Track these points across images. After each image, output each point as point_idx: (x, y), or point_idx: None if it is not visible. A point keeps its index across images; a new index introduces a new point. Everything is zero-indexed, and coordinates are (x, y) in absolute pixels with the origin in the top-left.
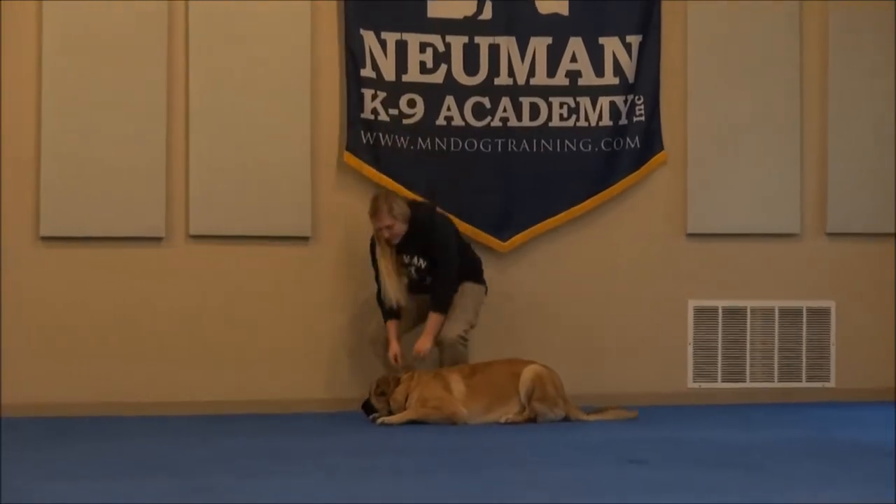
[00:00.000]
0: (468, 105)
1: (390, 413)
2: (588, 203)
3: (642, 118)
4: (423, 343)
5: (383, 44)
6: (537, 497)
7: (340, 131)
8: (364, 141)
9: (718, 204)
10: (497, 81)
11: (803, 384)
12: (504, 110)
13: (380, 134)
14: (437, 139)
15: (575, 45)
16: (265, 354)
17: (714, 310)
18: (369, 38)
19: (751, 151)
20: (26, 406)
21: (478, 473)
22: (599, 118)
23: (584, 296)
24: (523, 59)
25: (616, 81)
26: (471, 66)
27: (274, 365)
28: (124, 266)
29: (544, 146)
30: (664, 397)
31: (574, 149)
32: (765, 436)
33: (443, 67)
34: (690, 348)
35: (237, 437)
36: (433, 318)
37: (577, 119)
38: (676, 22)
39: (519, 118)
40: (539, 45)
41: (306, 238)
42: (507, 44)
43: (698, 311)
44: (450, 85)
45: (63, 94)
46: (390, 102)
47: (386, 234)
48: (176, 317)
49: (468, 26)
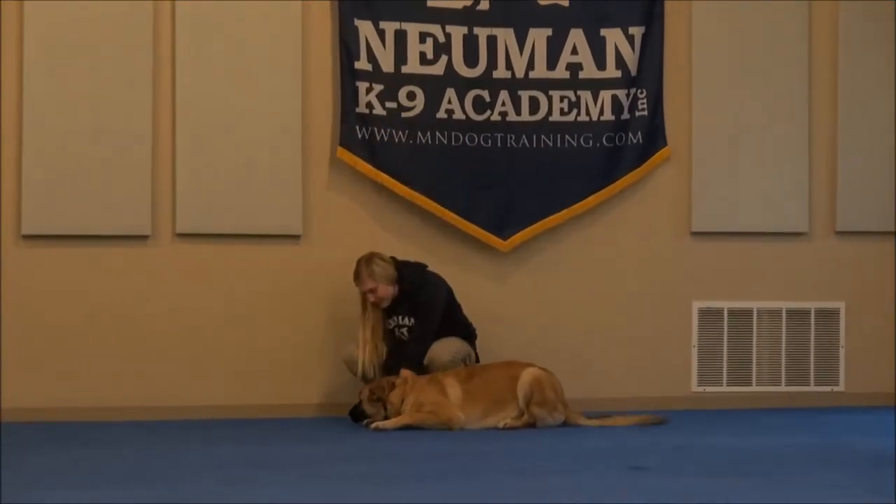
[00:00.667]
0: (468, 98)
1: (385, 418)
2: (590, 200)
3: (645, 113)
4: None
5: (381, 34)
6: None
7: (332, 127)
8: (359, 136)
9: (724, 202)
10: (496, 74)
11: (811, 388)
12: (503, 104)
13: (375, 128)
14: (438, 133)
15: (576, 37)
16: (255, 357)
17: (719, 311)
18: (366, 29)
19: (758, 148)
20: (8, 410)
21: (474, 480)
22: (601, 112)
23: (586, 296)
24: (522, 52)
25: (618, 75)
26: (470, 58)
27: (265, 368)
28: (109, 265)
29: (544, 141)
30: (667, 401)
31: (575, 144)
32: (772, 442)
33: (443, 58)
34: (695, 351)
35: (228, 443)
36: (402, 374)
37: (578, 113)
38: (682, 16)
39: (518, 112)
40: (538, 37)
41: (297, 236)
42: (505, 35)
43: (703, 313)
44: (450, 77)
45: (45, 91)
46: (388, 95)
47: (371, 299)
48: (162, 318)
49: (467, 16)
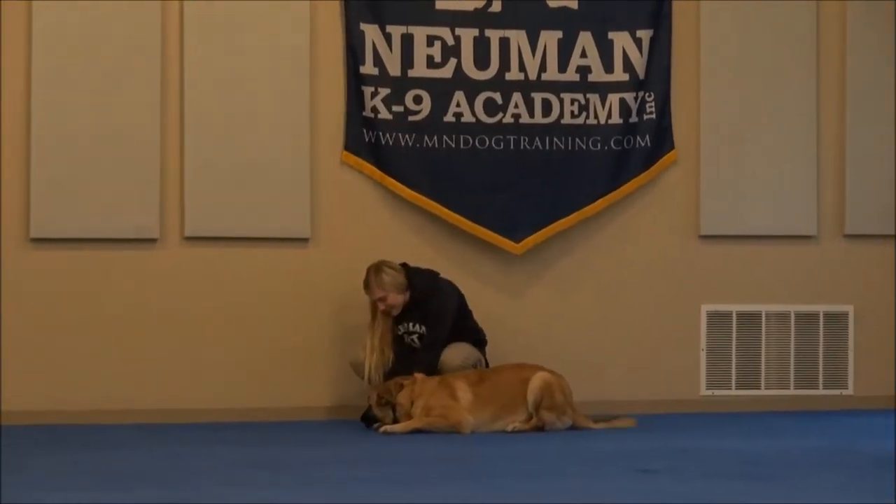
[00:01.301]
0: (479, 101)
1: (395, 421)
2: (598, 204)
3: (653, 116)
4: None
5: (388, 38)
6: None
7: (341, 130)
8: (365, 140)
9: (732, 205)
10: (508, 76)
11: (820, 391)
12: (516, 106)
13: (381, 132)
14: (446, 136)
15: (584, 40)
16: (262, 360)
17: (728, 314)
18: (372, 33)
19: (766, 151)
20: (15, 413)
21: (482, 484)
22: (609, 116)
23: (594, 300)
24: (534, 54)
25: (626, 78)
26: (482, 60)
27: (272, 371)
28: (117, 268)
29: (556, 144)
30: (676, 405)
31: (584, 147)
32: (781, 445)
33: (452, 61)
34: (703, 354)
35: (235, 446)
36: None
37: (588, 116)
38: (689, 18)
39: (531, 114)
40: (549, 39)
41: (305, 240)
42: (518, 37)
43: (712, 316)
44: (459, 79)
45: (53, 94)
46: (394, 99)
47: (381, 307)
48: (170, 320)
49: (478, 19)
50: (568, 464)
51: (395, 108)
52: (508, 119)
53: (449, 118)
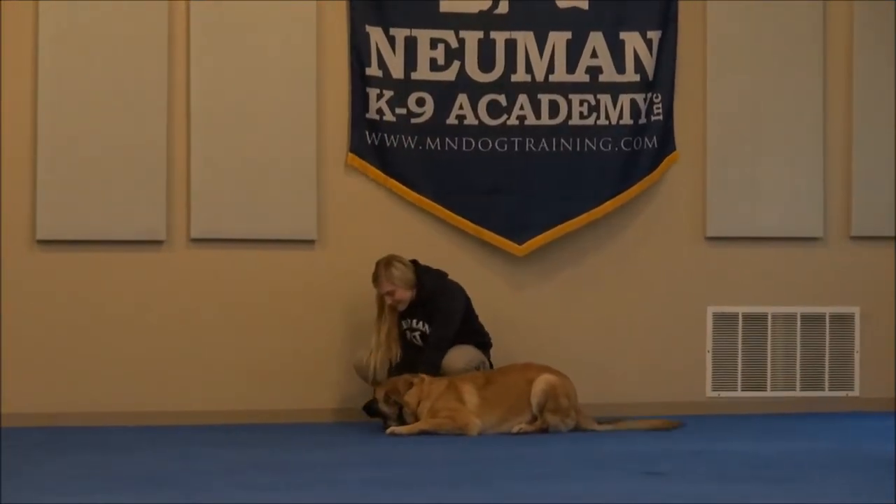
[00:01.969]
0: (483, 103)
1: (401, 419)
2: (608, 205)
3: (660, 117)
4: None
5: (392, 40)
6: None
7: (347, 131)
8: (369, 142)
9: (738, 207)
10: (514, 78)
11: (826, 393)
12: (521, 108)
13: (385, 134)
14: (448, 139)
15: (595, 41)
16: (270, 362)
17: (734, 316)
18: (377, 35)
19: (772, 152)
20: (23, 416)
21: (489, 486)
22: (620, 116)
23: (600, 301)
24: (542, 55)
25: (637, 78)
26: (486, 63)
27: (279, 373)
28: (124, 270)
29: (563, 145)
30: (682, 407)
31: (594, 148)
32: (787, 447)
33: (455, 64)
34: (709, 356)
35: (241, 449)
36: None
37: (598, 117)
38: (696, 19)
39: (538, 116)
40: (558, 41)
41: (312, 241)
42: (525, 39)
43: (718, 318)
44: (462, 82)
45: (59, 95)
46: (398, 101)
47: (389, 301)
48: (177, 322)
49: (483, 21)
50: (574, 466)
51: (399, 111)
52: (513, 121)
53: (451, 120)
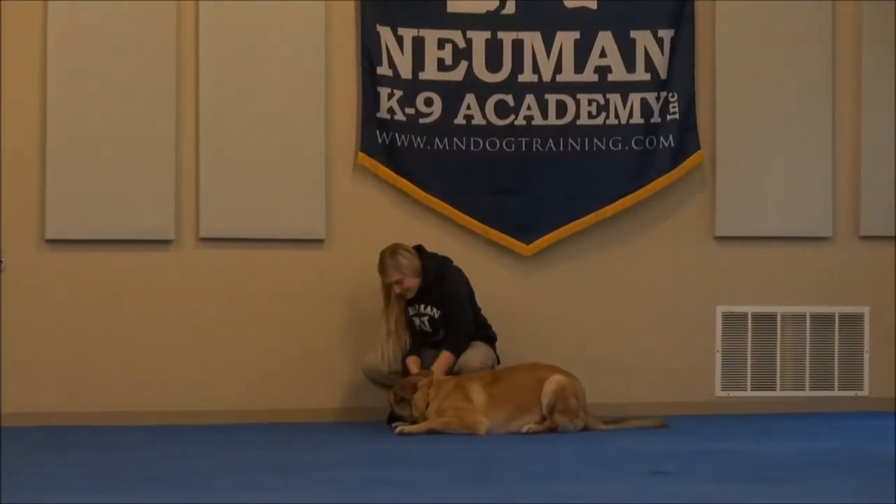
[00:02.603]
0: (490, 103)
1: (411, 417)
2: (618, 204)
3: (676, 116)
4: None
5: (400, 40)
6: None
7: (356, 131)
8: (379, 141)
9: (748, 206)
10: (521, 78)
11: (835, 393)
12: (528, 108)
13: (395, 134)
14: (456, 139)
15: (604, 40)
16: (277, 361)
17: (743, 316)
18: (386, 35)
19: (781, 152)
20: (29, 415)
21: (497, 486)
22: (630, 116)
23: (609, 300)
24: (549, 55)
25: (647, 77)
26: (493, 63)
27: (286, 372)
28: (132, 270)
29: (571, 145)
30: (691, 406)
31: (603, 148)
32: (796, 447)
33: (463, 64)
34: (719, 356)
35: (248, 448)
36: (444, 356)
37: (607, 117)
38: (704, 18)
39: (545, 116)
40: (566, 40)
41: (321, 241)
42: (532, 39)
43: (727, 318)
44: (470, 82)
45: (68, 95)
46: (406, 101)
47: (397, 290)
48: (186, 322)
49: (490, 21)
50: (582, 466)
51: (408, 111)
52: (520, 121)
53: (459, 121)
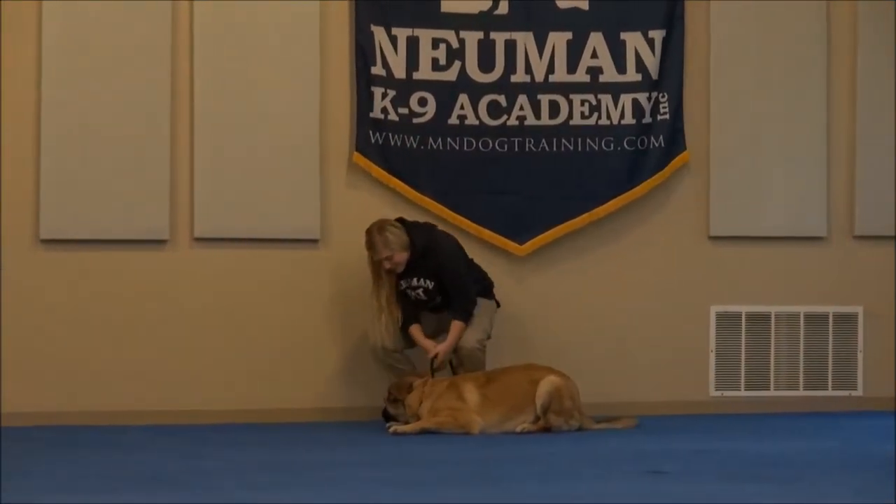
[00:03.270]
0: (483, 103)
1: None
2: (611, 205)
3: (667, 116)
4: (444, 348)
5: (394, 40)
6: None
7: (351, 131)
8: (372, 141)
9: (742, 206)
10: (514, 79)
11: (829, 393)
12: (521, 108)
13: (389, 134)
14: (450, 139)
15: (595, 41)
16: (273, 361)
17: (737, 315)
18: (380, 34)
19: (776, 152)
20: (26, 415)
21: (494, 486)
22: (622, 116)
23: (603, 301)
24: (541, 55)
25: (639, 78)
26: (486, 63)
27: (282, 372)
28: (127, 269)
29: (564, 145)
30: (685, 406)
31: (596, 148)
32: (790, 446)
33: (456, 64)
34: (712, 355)
35: (245, 448)
36: (455, 326)
37: (599, 117)
38: (700, 19)
39: (537, 116)
40: (558, 41)
41: (315, 240)
42: (525, 39)
43: (721, 317)
44: (463, 82)
45: (63, 95)
46: (400, 101)
47: (387, 266)
48: (180, 321)
49: (483, 21)
50: (579, 466)
51: (401, 111)
52: (513, 121)
53: (453, 121)
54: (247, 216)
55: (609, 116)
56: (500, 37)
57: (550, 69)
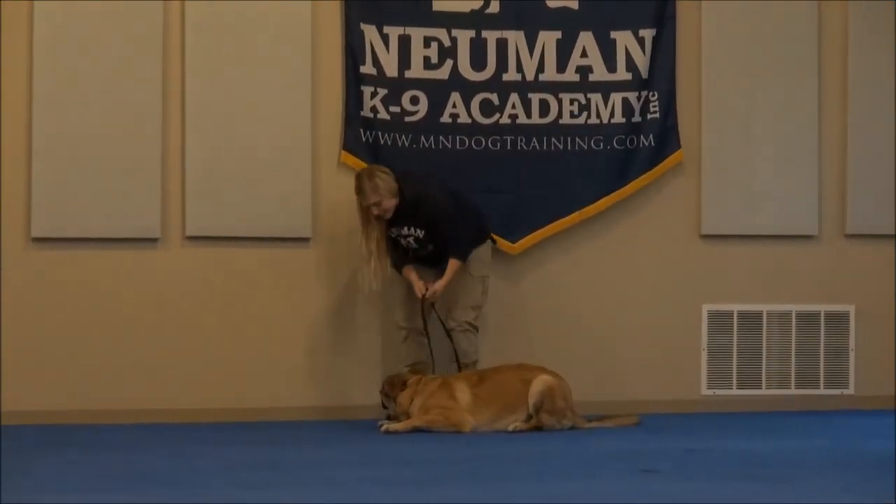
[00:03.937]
0: (475, 102)
1: (395, 415)
2: (601, 203)
3: (657, 115)
4: (438, 285)
5: (385, 38)
6: None
7: (342, 130)
8: (363, 140)
9: (734, 205)
10: (505, 77)
11: (821, 391)
12: (513, 107)
13: (379, 132)
14: (442, 137)
15: (585, 40)
16: (264, 360)
17: (729, 314)
18: (371, 33)
19: (767, 151)
20: (18, 413)
21: (485, 485)
22: (611, 115)
23: (595, 299)
24: (532, 54)
25: (629, 77)
26: (478, 62)
27: (274, 371)
28: (119, 268)
29: (555, 144)
30: (677, 405)
31: (585, 147)
32: (782, 445)
33: (448, 63)
34: (704, 354)
35: (237, 447)
36: (452, 264)
37: (589, 116)
38: (691, 18)
39: (528, 115)
40: (548, 40)
41: (307, 239)
42: (516, 38)
43: (713, 316)
44: (455, 81)
45: (54, 94)
46: (392, 100)
47: (375, 212)
48: (172, 320)
49: (475, 20)
50: (571, 464)
51: (393, 109)
52: (505, 120)
53: (445, 119)
54: (238, 215)
55: (598, 115)
56: (492, 35)
57: (541, 68)
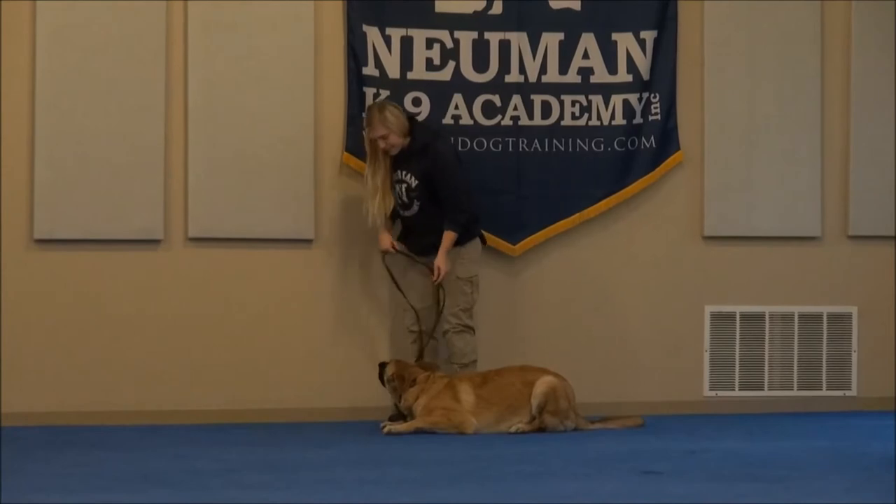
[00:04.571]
0: (477, 103)
1: (398, 410)
2: (602, 205)
3: (658, 117)
4: (439, 260)
5: (388, 40)
6: None
7: (344, 131)
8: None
9: (736, 206)
10: (508, 79)
11: (824, 393)
12: (515, 108)
13: None
14: None
15: (587, 42)
16: (266, 361)
17: (731, 315)
18: (373, 35)
19: (770, 152)
20: (21, 415)
21: (487, 485)
22: (612, 117)
23: (597, 301)
24: (535, 56)
25: (630, 79)
26: (480, 63)
27: (275, 372)
28: (121, 269)
29: (556, 146)
30: (679, 406)
31: (586, 149)
32: (784, 446)
33: (451, 64)
34: (707, 355)
35: (239, 448)
36: (447, 236)
37: (590, 118)
38: (693, 19)
39: (530, 117)
40: (551, 41)
41: (309, 241)
42: (518, 40)
43: (715, 317)
44: (458, 82)
45: (57, 94)
46: (394, 101)
47: (382, 145)
48: (174, 321)
49: (478, 21)
50: (573, 465)
51: None
52: (507, 121)
53: (447, 120)
54: (241, 216)
55: (599, 117)
56: (495, 37)
57: (543, 70)
